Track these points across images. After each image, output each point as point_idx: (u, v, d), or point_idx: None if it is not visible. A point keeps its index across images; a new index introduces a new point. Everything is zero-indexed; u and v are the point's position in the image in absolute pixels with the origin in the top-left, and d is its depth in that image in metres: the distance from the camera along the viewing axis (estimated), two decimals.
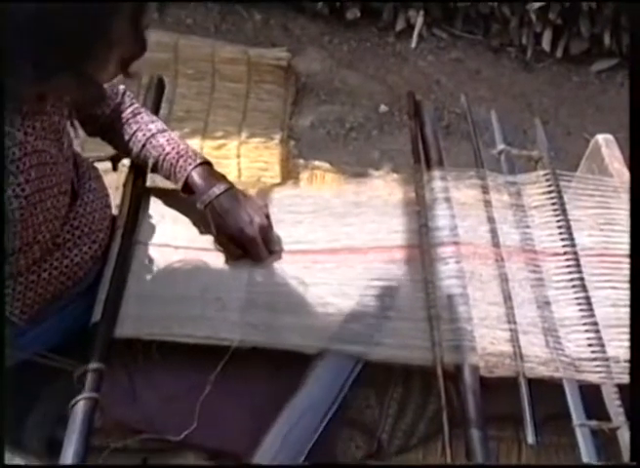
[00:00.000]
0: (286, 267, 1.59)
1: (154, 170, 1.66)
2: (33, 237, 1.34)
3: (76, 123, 1.53)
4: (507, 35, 4.17)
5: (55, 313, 1.49)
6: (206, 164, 1.63)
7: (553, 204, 1.66)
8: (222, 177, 1.63)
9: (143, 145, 1.65)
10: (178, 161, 1.62)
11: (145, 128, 1.66)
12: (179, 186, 1.63)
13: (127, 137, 1.66)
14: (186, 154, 1.62)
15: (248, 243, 1.59)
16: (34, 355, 1.34)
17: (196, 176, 1.60)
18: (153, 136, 1.65)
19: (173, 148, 1.63)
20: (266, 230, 1.61)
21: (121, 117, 1.67)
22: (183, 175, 1.61)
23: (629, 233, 1.27)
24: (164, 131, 1.67)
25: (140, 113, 1.68)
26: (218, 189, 1.59)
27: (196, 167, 1.61)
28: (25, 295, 1.41)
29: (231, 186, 1.61)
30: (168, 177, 1.65)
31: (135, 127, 1.66)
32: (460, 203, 1.66)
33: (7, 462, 1.25)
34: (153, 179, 1.75)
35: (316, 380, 1.43)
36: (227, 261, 1.61)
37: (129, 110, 1.67)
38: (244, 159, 3.16)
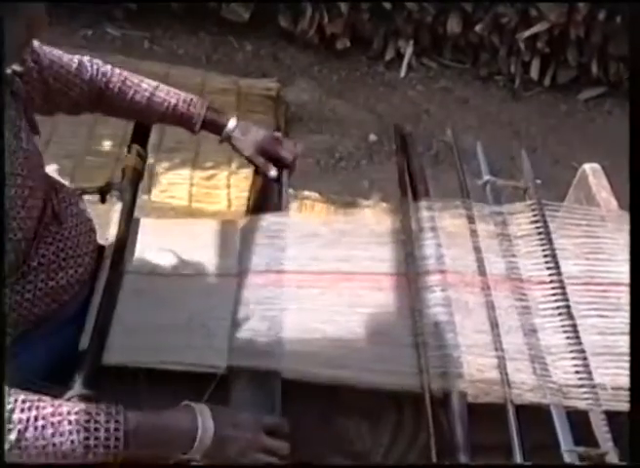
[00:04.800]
0: (271, 292, 1.60)
1: (162, 121, 1.84)
2: (14, 233, 1.35)
3: (33, 119, 1.55)
4: (496, 64, 4.21)
5: (43, 338, 1.49)
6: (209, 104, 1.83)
7: (539, 233, 1.66)
8: (228, 114, 1.85)
9: (147, 105, 1.78)
10: (188, 109, 1.79)
11: (140, 89, 1.77)
12: (196, 129, 1.82)
13: (126, 104, 1.77)
14: (191, 101, 1.80)
15: (275, 144, 1.85)
16: (22, 381, 1.34)
17: (211, 117, 1.81)
18: (152, 94, 1.77)
19: (177, 99, 1.79)
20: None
21: (109, 88, 1.75)
22: (200, 119, 1.80)
23: (629, 262, 1.28)
24: (157, 86, 1.79)
25: (125, 78, 1.77)
26: (232, 124, 1.82)
27: (207, 110, 1.81)
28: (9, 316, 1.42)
29: (239, 119, 1.84)
30: (179, 125, 1.83)
31: (130, 92, 1.76)
32: (447, 232, 1.66)
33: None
34: (141, 208, 1.78)
35: None
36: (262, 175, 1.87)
37: (114, 79, 1.75)
38: (234, 189, 3.18)
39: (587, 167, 2.01)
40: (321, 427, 1.51)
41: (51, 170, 1.59)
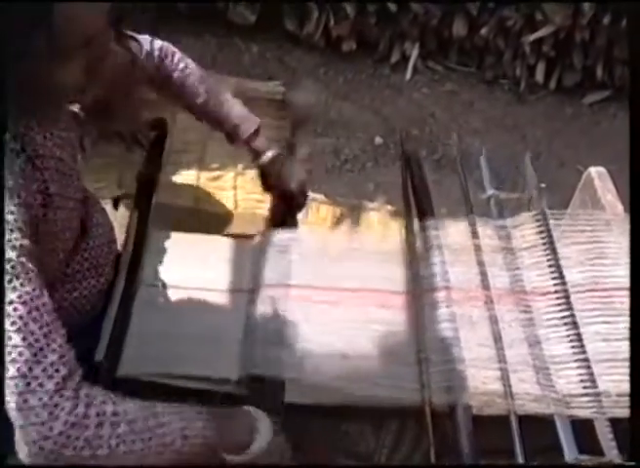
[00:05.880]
0: (282, 307, 1.61)
1: (212, 128, 1.90)
2: (50, 248, 1.34)
3: (86, 144, 1.55)
4: (501, 67, 4.20)
5: None
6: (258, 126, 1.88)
7: (543, 244, 1.67)
8: (271, 142, 1.91)
9: (202, 111, 1.84)
10: (234, 127, 1.84)
11: (198, 93, 1.80)
12: (237, 146, 1.89)
13: (183, 104, 1.84)
14: (243, 119, 1.84)
15: (295, 194, 1.92)
16: None
17: (251, 142, 1.86)
18: (206, 102, 1.81)
19: (228, 114, 1.83)
20: (305, 184, 1.95)
21: (185, 85, 1.80)
22: (241, 140, 1.85)
23: (630, 267, 1.28)
24: (216, 95, 1.83)
25: (204, 81, 1.81)
26: (271, 152, 1.87)
27: (252, 134, 1.85)
28: None
29: (279, 152, 1.91)
30: (225, 136, 1.88)
31: (186, 95, 1.81)
32: (451, 249, 1.67)
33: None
34: (155, 214, 1.79)
35: None
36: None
37: (190, 79, 1.80)
38: (240, 191, 3.16)
39: (593, 170, 2.01)
40: (325, 432, 1.52)
41: None
